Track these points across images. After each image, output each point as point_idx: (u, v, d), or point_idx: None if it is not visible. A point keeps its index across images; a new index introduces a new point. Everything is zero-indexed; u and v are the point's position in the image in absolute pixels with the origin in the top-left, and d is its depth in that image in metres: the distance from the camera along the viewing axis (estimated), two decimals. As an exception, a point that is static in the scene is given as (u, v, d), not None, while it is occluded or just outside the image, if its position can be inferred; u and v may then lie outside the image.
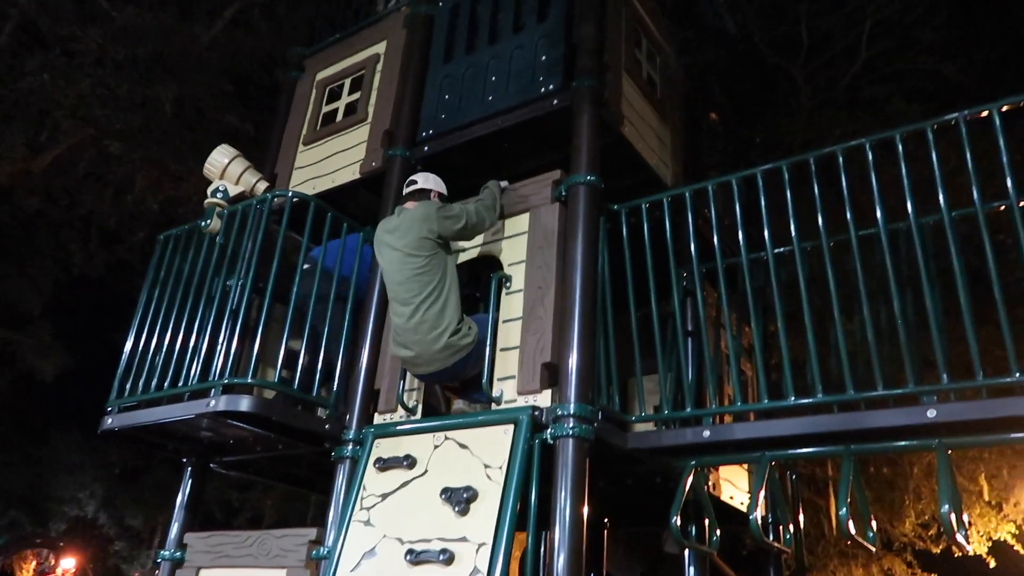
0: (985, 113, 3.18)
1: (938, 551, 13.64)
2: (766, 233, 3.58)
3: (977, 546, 12.16)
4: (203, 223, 4.32)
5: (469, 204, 3.82)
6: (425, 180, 4.06)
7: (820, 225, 3.46)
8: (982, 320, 3.46)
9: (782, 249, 3.82)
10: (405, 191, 4.08)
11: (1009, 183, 3.07)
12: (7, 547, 9.76)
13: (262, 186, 4.48)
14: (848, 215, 3.38)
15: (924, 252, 3.21)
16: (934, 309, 3.12)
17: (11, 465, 19.92)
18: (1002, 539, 12.30)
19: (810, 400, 3.23)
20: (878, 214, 3.30)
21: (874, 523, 3.47)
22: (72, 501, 21.52)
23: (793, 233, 3.54)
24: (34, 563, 25.84)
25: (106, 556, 22.38)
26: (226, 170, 4.40)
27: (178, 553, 4.22)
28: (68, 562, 24.04)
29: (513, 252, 3.89)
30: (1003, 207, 3.27)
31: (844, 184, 3.43)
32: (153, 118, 9.78)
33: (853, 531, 3.10)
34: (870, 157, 3.39)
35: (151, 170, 10.37)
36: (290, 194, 4.34)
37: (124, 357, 4.42)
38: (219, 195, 4.34)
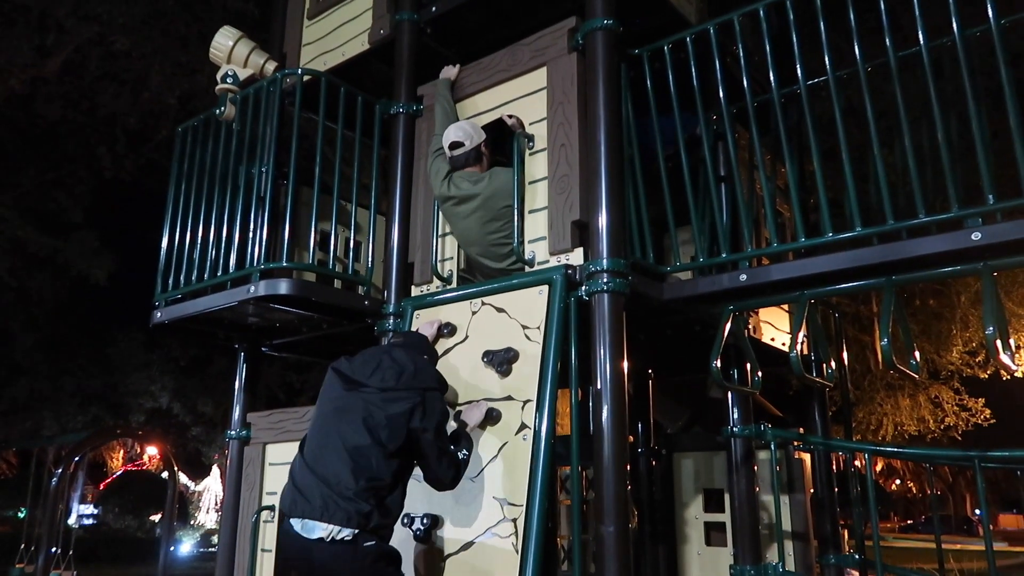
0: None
1: (985, 376, 13.78)
2: (798, 65, 3.38)
3: (1025, 368, 12.20)
4: (218, 111, 4.25)
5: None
6: (469, 138, 3.78)
7: (856, 50, 3.25)
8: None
9: (816, 80, 3.63)
10: (453, 153, 3.79)
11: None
12: (91, 440, 10.53)
13: (271, 66, 4.35)
14: (887, 37, 3.16)
15: (970, 68, 3.00)
16: (980, 129, 2.95)
17: (84, 367, 21.08)
18: (1051, 359, 12.31)
19: (849, 234, 3.15)
20: (919, 30, 3.07)
21: (918, 353, 3.46)
22: (146, 394, 22.81)
23: (827, 61, 3.33)
24: (122, 452, 27.87)
25: (185, 442, 23.98)
26: (232, 53, 4.27)
27: (244, 432, 4.46)
28: (152, 449, 25.86)
29: (533, 110, 3.76)
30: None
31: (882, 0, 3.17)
32: (155, 8, 9.49)
33: (896, 362, 3.11)
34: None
35: (163, 64, 10.18)
36: (300, 72, 4.22)
37: (163, 252, 4.51)
38: (229, 80, 4.24)
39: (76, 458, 9.82)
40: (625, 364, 3.26)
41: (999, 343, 2.82)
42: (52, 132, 12.78)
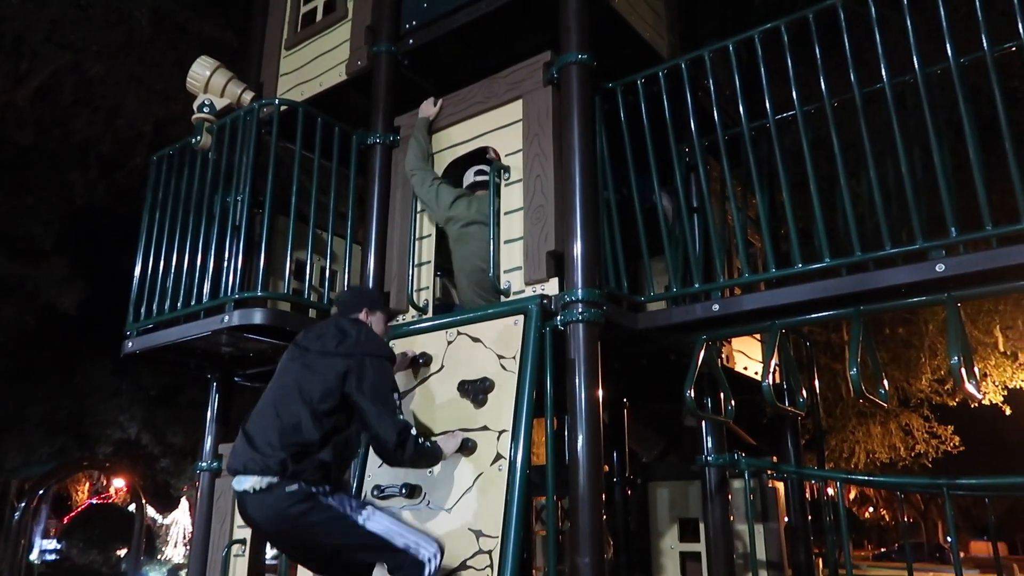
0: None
1: (954, 404, 13.97)
2: (767, 99, 3.47)
3: (992, 395, 12.42)
4: (194, 140, 4.25)
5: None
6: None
7: (823, 85, 3.35)
8: (993, 172, 3.39)
9: (785, 115, 3.72)
10: (478, 179, 3.99)
11: (1020, 23, 2.93)
12: (57, 472, 10.29)
13: (248, 96, 4.37)
14: (851, 73, 3.26)
15: (931, 104, 3.10)
16: (942, 162, 3.05)
17: (50, 397, 20.62)
18: (1017, 387, 12.53)
19: (818, 265, 3.22)
20: (883, 67, 3.18)
21: (886, 382, 3.53)
22: (114, 424, 22.33)
23: (795, 96, 3.42)
24: (87, 484, 27.19)
25: (154, 473, 23.46)
26: (209, 82, 4.28)
27: (215, 464, 4.39)
28: (119, 481, 25.27)
29: (508, 141, 3.81)
30: (1014, 48, 3.13)
31: (846, 38, 3.28)
32: (131, 36, 9.47)
33: (865, 390, 3.16)
34: (873, 10, 3.23)
35: (138, 91, 10.14)
36: (277, 102, 4.24)
37: (135, 281, 4.47)
38: (206, 109, 4.25)
39: (40, 491, 9.58)
40: (600, 393, 3.28)
41: (964, 372, 2.88)
42: (23, 157, 12.64)
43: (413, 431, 2.89)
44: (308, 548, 2.84)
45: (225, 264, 3.98)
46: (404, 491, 3.28)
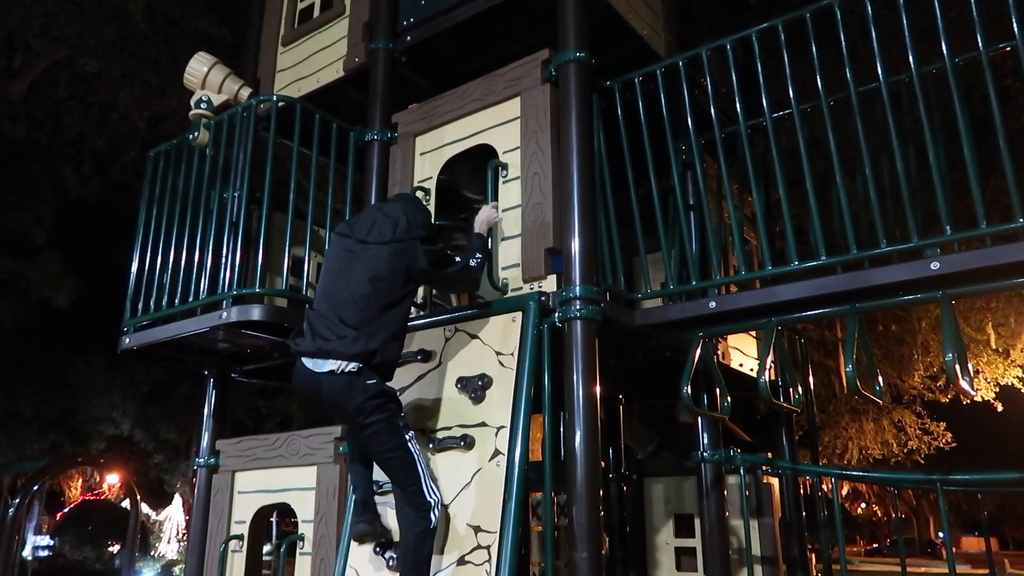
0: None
1: (946, 400, 14.07)
2: (764, 97, 3.49)
3: (985, 392, 12.50)
4: (191, 136, 4.25)
5: None
6: None
7: (819, 84, 3.37)
8: (987, 171, 3.42)
9: (781, 113, 3.74)
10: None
11: (1015, 23, 2.95)
12: (51, 468, 10.27)
13: (245, 92, 4.36)
14: (847, 71, 3.28)
15: (926, 102, 3.12)
16: (937, 161, 3.07)
17: (42, 393, 20.54)
18: (1009, 383, 12.62)
19: (814, 263, 3.24)
20: (878, 66, 3.20)
21: (881, 378, 3.56)
22: (107, 421, 22.25)
23: (792, 95, 3.44)
24: (80, 481, 27.11)
25: (147, 469, 23.41)
26: (206, 79, 4.27)
27: (212, 460, 4.40)
28: (112, 478, 25.20)
29: (507, 139, 3.82)
30: (1008, 48, 3.16)
31: (843, 37, 3.30)
32: (126, 31, 9.43)
33: (860, 386, 3.18)
34: (869, 9, 3.25)
35: (133, 87, 10.11)
36: (275, 98, 4.24)
37: (132, 277, 4.47)
38: (203, 106, 4.24)
39: (34, 487, 9.55)
40: (598, 390, 3.30)
41: (958, 369, 2.91)
42: (16, 152, 12.58)
43: (470, 261, 3.25)
44: (364, 430, 3.02)
45: (222, 260, 3.98)
46: (403, 487, 3.29)
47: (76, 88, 10.73)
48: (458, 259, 3.31)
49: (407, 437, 3.04)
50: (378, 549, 3.21)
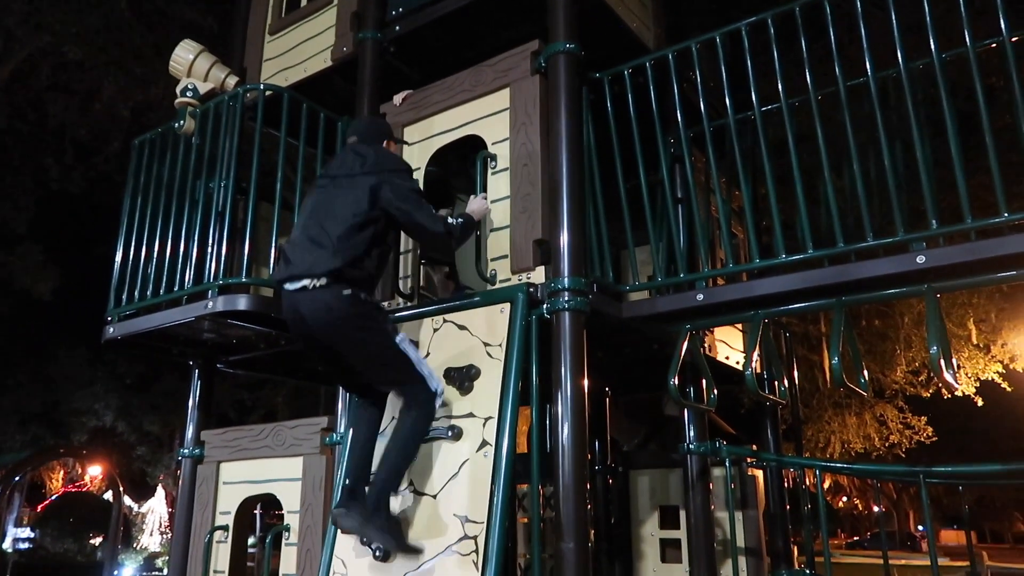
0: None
1: (928, 395, 14.21)
2: (753, 91, 3.50)
3: (965, 387, 12.63)
4: (177, 124, 4.20)
5: None
6: None
7: (808, 78, 3.38)
8: (972, 168, 3.44)
9: (770, 107, 3.75)
10: None
11: (1002, 19, 2.98)
12: (32, 459, 10.18)
13: (232, 81, 4.32)
14: (836, 66, 3.29)
15: (914, 98, 3.15)
16: (924, 156, 3.09)
17: (24, 385, 20.34)
18: (989, 378, 12.76)
19: (801, 256, 3.26)
20: (867, 61, 3.22)
21: (866, 372, 3.59)
22: (90, 413, 22.10)
23: (780, 89, 3.45)
24: (62, 473, 26.90)
25: (130, 461, 23.27)
26: (192, 66, 4.23)
27: (197, 450, 4.37)
28: (94, 469, 25.01)
29: (495, 130, 3.81)
30: (994, 44, 3.18)
31: (832, 33, 3.31)
32: (111, 19, 9.32)
33: (845, 379, 3.21)
34: (858, 5, 3.26)
35: (117, 75, 9.99)
36: (262, 87, 4.20)
37: (116, 266, 4.42)
38: (189, 94, 4.20)
39: (16, 479, 9.46)
40: (586, 382, 3.30)
41: (943, 362, 2.94)
42: (-3, 142, 12.42)
43: (449, 218, 3.24)
44: (351, 345, 3.10)
45: (208, 250, 3.95)
46: (389, 478, 3.28)
47: (59, 76, 10.59)
48: (442, 212, 3.31)
49: (398, 339, 3.13)
50: (364, 539, 3.19)
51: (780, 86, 3.45)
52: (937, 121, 3.19)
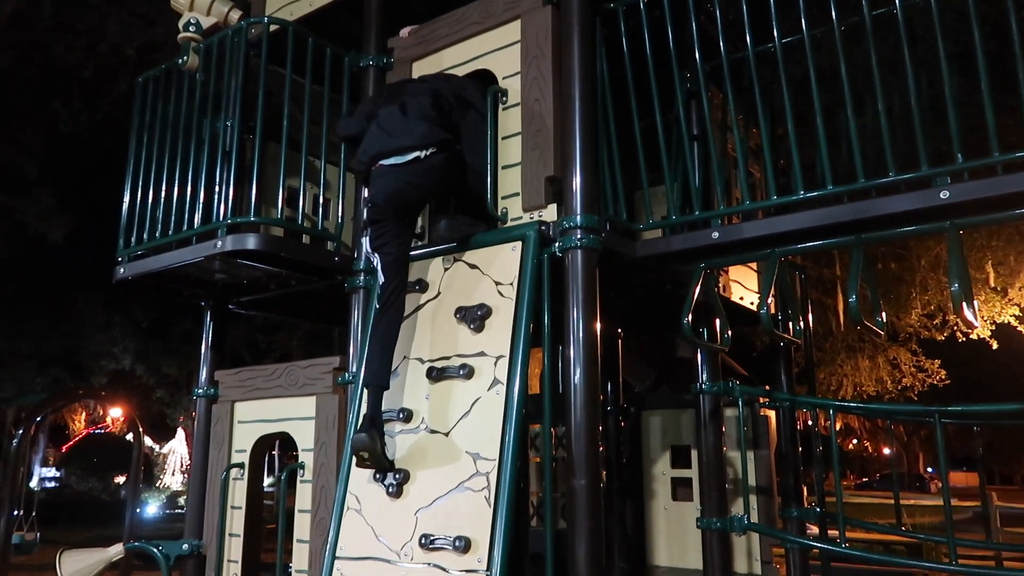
0: None
1: (942, 339, 14.15)
2: (773, 23, 3.36)
3: (981, 330, 12.55)
4: (180, 61, 4.11)
5: None
6: None
7: (832, 8, 3.24)
8: (999, 105, 3.31)
9: (790, 39, 3.61)
10: None
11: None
12: (53, 401, 10.39)
13: (235, 15, 4.19)
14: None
15: (942, 27, 3.01)
16: (950, 88, 2.98)
17: (42, 328, 20.59)
18: (1005, 321, 12.67)
19: (819, 192, 3.17)
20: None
21: (884, 314, 3.53)
22: (108, 356, 22.38)
23: (803, 20, 3.31)
24: (84, 415, 27.49)
25: (150, 403, 23.69)
26: (194, 1, 4.11)
27: (211, 390, 4.40)
28: (116, 411, 25.54)
29: (506, 64, 3.70)
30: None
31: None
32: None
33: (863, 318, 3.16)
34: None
35: (120, 13, 9.79)
36: (266, 20, 4.09)
37: (124, 207, 4.39)
38: (191, 29, 4.09)
39: (37, 419, 9.65)
40: (598, 322, 3.27)
41: (964, 301, 2.88)
42: (2, 85, 12.29)
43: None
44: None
45: (216, 190, 3.90)
46: (401, 415, 3.30)
47: (62, 16, 10.40)
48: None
49: None
50: (378, 476, 3.23)
51: (803, 17, 3.31)
52: (962, 53, 3.06)
